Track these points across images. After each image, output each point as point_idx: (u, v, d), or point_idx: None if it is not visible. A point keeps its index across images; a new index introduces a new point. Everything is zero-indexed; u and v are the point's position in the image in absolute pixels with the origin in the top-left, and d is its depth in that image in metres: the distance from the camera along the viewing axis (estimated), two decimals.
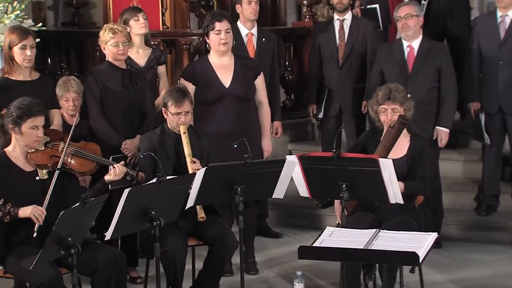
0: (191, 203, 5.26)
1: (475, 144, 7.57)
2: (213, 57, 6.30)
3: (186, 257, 5.47)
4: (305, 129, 8.56)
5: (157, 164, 5.25)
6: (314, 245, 4.53)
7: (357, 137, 6.67)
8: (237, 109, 6.24)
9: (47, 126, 5.62)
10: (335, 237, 4.59)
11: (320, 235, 4.61)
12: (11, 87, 5.81)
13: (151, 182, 5.13)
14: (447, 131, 6.70)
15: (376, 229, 4.62)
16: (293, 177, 5.33)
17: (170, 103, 5.66)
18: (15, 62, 5.85)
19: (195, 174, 5.19)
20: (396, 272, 5.39)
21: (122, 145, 6.07)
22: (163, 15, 8.41)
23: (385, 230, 4.64)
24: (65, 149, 5.20)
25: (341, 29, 7.33)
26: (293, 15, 9.79)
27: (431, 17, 7.97)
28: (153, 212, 4.88)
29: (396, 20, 6.80)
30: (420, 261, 4.31)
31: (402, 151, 5.60)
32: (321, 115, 7.47)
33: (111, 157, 5.55)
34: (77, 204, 4.58)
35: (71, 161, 5.28)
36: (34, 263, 4.52)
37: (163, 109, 5.74)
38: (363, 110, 7.24)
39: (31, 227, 4.93)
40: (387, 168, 5.06)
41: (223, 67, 6.27)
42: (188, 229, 5.57)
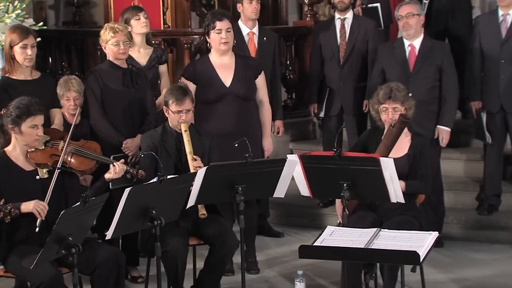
0: (192, 202, 5.25)
1: (476, 143, 7.56)
2: (213, 57, 6.30)
3: (187, 256, 5.47)
4: (306, 128, 8.55)
5: (158, 163, 5.25)
6: (314, 244, 4.53)
7: (358, 136, 6.66)
8: (237, 108, 6.23)
9: (48, 125, 5.63)
10: (335, 236, 4.58)
11: (320, 234, 4.60)
12: (12, 86, 5.81)
13: (151, 181, 5.12)
14: (448, 130, 6.69)
15: (376, 228, 4.61)
16: (294, 176, 5.33)
17: (171, 101, 5.66)
18: (16, 61, 5.84)
19: (195, 173, 5.19)
20: (397, 271, 5.38)
21: (122, 144, 6.06)
22: (164, 14, 8.41)
23: (386, 229, 4.63)
24: (65, 148, 5.20)
25: (342, 28, 7.31)
26: (294, 14, 9.78)
27: (433, 16, 7.96)
28: (153, 211, 4.88)
29: (397, 19, 6.80)
30: (420, 260, 4.30)
31: (403, 150, 5.60)
32: (322, 114, 7.46)
33: (111, 157, 5.55)
34: (78, 203, 4.57)
35: (71, 159, 5.27)
36: (34, 263, 4.51)
37: (164, 107, 5.73)
38: (364, 109, 7.24)
39: (32, 225, 4.93)
40: (388, 167, 5.06)
41: (223, 66, 6.27)
42: (189, 229, 5.57)
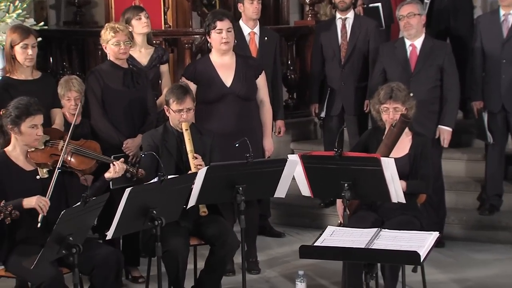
0: (192, 202, 5.25)
1: (478, 143, 7.56)
2: (214, 56, 6.29)
3: (187, 256, 5.46)
4: (307, 128, 8.54)
5: (159, 162, 5.25)
6: (315, 244, 4.52)
7: (359, 136, 6.65)
8: (238, 108, 6.23)
9: (49, 125, 5.62)
10: (336, 236, 4.58)
11: (321, 234, 4.60)
12: (13, 86, 5.80)
13: (152, 181, 5.12)
14: (449, 130, 6.68)
15: (377, 228, 4.61)
16: (295, 176, 5.32)
17: (171, 100, 5.66)
18: (16, 61, 5.84)
19: (196, 173, 5.18)
20: (398, 271, 5.37)
21: (123, 144, 6.06)
22: (165, 14, 8.41)
23: (387, 229, 4.63)
24: (65, 147, 5.19)
25: (343, 28, 7.30)
26: (296, 14, 9.78)
27: (434, 15, 7.95)
28: (154, 211, 4.87)
29: (398, 18, 6.79)
30: (421, 260, 4.30)
31: (404, 150, 5.59)
32: (323, 114, 7.45)
33: (112, 156, 5.54)
34: (78, 203, 4.57)
35: (70, 159, 5.26)
36: (35, 263, 4.50)
37: (165, 107, 5.73)
38: (365, 109, 7.23)
39: (33, 222, 4.92)
40: (389, 167, 5.06)
41: (224, 66, 6.26)
42: (189, 229, 5.56)
